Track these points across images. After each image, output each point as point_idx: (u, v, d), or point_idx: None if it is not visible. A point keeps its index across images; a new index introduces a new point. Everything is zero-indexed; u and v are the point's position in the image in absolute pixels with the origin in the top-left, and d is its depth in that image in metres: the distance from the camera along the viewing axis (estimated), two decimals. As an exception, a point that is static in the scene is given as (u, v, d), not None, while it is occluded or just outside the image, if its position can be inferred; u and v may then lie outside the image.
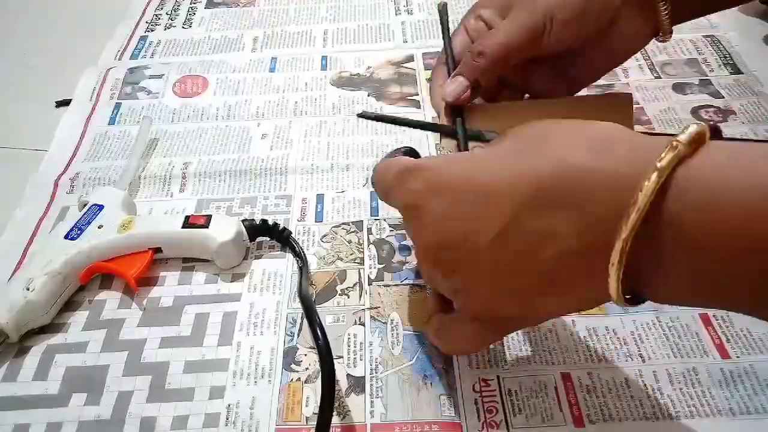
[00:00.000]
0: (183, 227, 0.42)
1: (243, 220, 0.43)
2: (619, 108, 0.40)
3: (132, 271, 0.40)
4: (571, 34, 0.37)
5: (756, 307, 0.23)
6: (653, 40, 0.40)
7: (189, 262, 0.43)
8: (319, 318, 0.37)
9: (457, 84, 0.38)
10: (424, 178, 0.30)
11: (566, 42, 0.38)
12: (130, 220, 0.42)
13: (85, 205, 0.43)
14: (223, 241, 0.41)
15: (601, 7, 0.37)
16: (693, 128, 0.23)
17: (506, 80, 0.41)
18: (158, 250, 0.42)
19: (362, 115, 0.41)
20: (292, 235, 0.44)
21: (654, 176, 0.23)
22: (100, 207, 0.43)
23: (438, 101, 0.40)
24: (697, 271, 0.23)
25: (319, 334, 0.36)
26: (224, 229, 0.41)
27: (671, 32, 0.39)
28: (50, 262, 0.39)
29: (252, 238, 0.43)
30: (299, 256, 0.42)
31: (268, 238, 0.44)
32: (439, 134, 0.41)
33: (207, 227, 0.42)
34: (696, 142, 0.23)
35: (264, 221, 0.44)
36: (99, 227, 0.42)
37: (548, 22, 0.37)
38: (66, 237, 0.41)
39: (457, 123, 0.38)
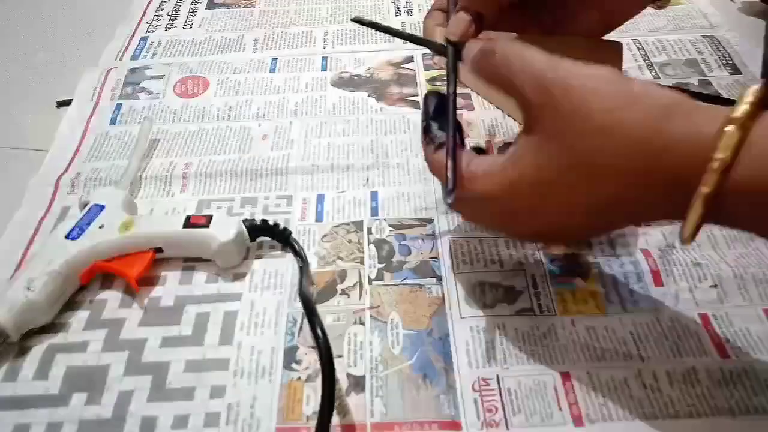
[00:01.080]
0: (184, 227, 0.42)
1: (244, 220, 0.43)
2: (610, 53, 0.40)
3: (133, 270, 0.40)
4: None
5: None
6: (648, 10, 0.40)
7: (190, 262, 0.43)
8: (319, 317, 0.37)
9: (459, 20, 0.37)
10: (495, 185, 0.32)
11: None
12: (131, 220, 0.42)
13: (86, 205, 0.44)
14: (224, 241, 0.41)
15: None
16: (754, 89, 0.24)
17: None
18: (159, 249, 0.42)
19: (357, 20, 0.40)
20: (293, 234, 0.44)
21: (731, 129, 0.23)
22: (101, 207, 0.43)
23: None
24: None
25: (320, 333, 0.36)
26: (225, 229, 0.42)
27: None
28: (51, 261, 0.40)
29: (253, 238, 0.43)
30: (300, 255, 0.42)
31: (269, 238, 0.44)
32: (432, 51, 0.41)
33: (208, 227, 0.42)
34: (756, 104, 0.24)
35: (265, 221, 0.44)
36: (100, 227, 0.42)
37: None
38: (67, 237, 0.41)
39: (448, 47, 0.38)
